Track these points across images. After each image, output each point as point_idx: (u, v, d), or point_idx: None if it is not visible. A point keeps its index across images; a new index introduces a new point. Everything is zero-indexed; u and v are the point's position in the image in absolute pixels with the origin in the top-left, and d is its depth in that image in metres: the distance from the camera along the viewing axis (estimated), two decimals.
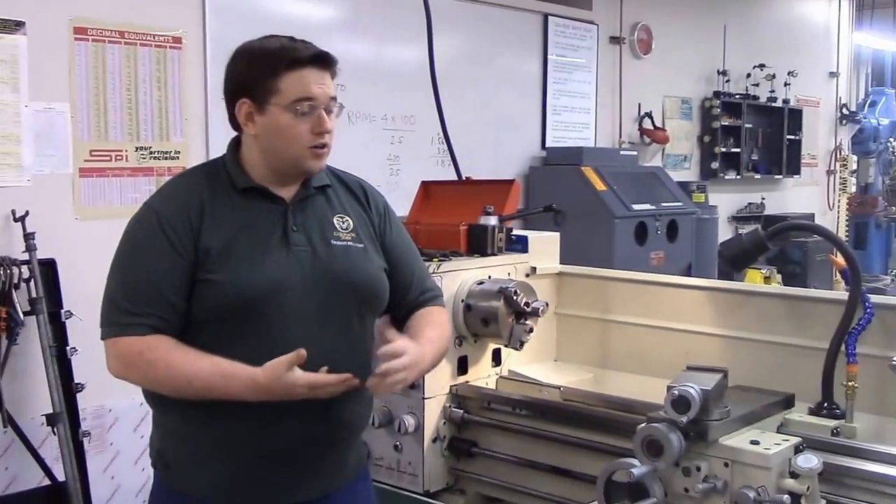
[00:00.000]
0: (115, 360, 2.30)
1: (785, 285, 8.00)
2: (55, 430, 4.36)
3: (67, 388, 4.42)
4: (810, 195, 11.04)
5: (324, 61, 2.38)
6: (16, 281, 4.28)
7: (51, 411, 4.34)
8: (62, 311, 4.46)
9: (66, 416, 4.38)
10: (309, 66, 2.35)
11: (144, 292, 2.29)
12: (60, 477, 4.41)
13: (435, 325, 2.56)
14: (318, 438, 2.36)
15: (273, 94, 2.33)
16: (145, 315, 2.27)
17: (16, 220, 4.35)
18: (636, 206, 6.97)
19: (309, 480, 2.41)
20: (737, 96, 9.47)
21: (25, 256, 4.33)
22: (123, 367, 2.30)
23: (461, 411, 3.25)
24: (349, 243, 2.45)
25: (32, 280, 4.34)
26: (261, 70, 2.35)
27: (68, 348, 4.42)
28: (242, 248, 2.33)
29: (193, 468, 2.38)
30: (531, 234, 3.65)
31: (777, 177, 10.21)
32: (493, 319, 3.20)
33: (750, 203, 10.00)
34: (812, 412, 2.81)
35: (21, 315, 4.27)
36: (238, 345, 2.30)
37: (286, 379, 2.18)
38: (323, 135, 2.36)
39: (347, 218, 2.50)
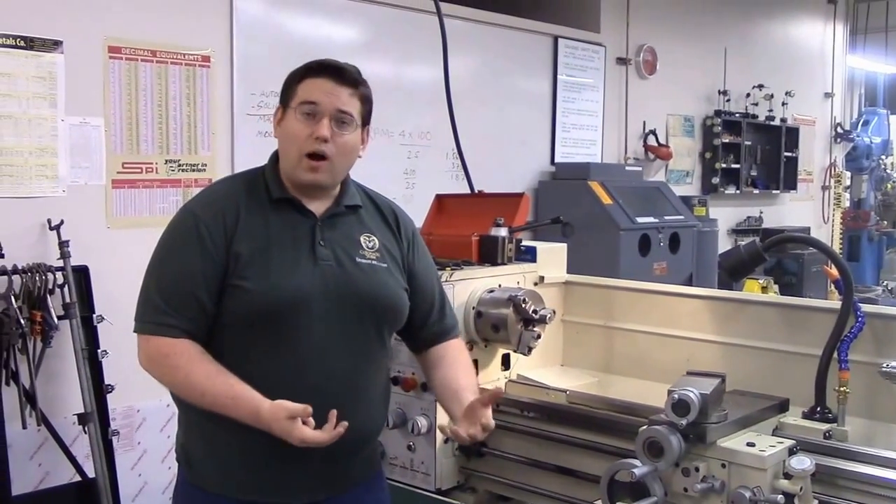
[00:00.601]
0: (144, 356, 2.33)
1: (781, 295, 7.97)
2: (86, 428, 4.38)
3: (98, 389, 4.43)
4: (806, 209, 11.02)
5: (336, 74, 2.38)
6: (50, 286, 4.31)
7: (82, 411, 4.36)
8: (94, 315, 4.47)
9: (97, 415, 4.40)
10: (322, 76, 2.37)
11: (177, 292, 2.30)
12: (90, 474, 4.43)
13: (469, 374, 2.63)
14: (331, 444, 2.33)
15: (291, 99, 2.38)
16: (176, 315, 2.28)
17: (51, 228, 4.37)
18: (640, 219, 6.95)
19: (324, 481, 2.41)
20: (737, 115, 9.45)
21: (60, 263, 4.36)
22: (149, 363, 2.32)
23: None
24: (373, 262, 2.45)
25: (66, 286, 4.36)
26: (290, 79, 2.42)
27: (99, 351, 4.44)
28: (270, 258, 2.33)
29: (213, 465, 2.39)
30: (539, 245, 3.64)
31: (775, 192, 10.18)
32: (502, 326, 3.19)
33: (749, 217, 9.98)
34: (805, 416, 2.80)
35: (55, 319, 4.29)
36: (260, 352, 2.32)
37: (285, 425, 2.18)
38: (318, 141, 2.34)
39: (374, 238, 2.49)
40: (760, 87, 9.65)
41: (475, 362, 3.29)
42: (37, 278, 4.25)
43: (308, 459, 2.32)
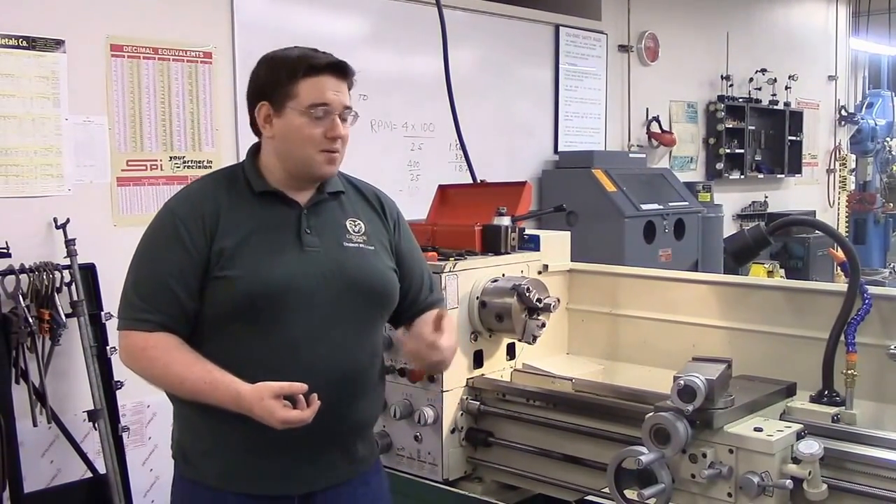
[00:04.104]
0: (124, 352, 2.34)
1: (787, 279, 7.94)
2: (96, 425, 4.38)
3: (107, 385, 4.43)
4: (811, 193, 10.98)
5: (340, 70, 2.37)
6: (58, 285, 4.30)
7: (92, 408, 4.36)
8: (102, 312, 4.47)
9: (107, 412, 4.40)
10: (326, 74, 2.35)
11: (154, 288, 2.30)
12: (102, 470, 4.43)
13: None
14: (326, 433, 2.33)
15: (291, 99, 2.33)
16: (153, 311, 2.28)
17: (57, 227, 4.36)
18: (645, 206, 6.92)
19: (318, 473, 2.40)
20: (740, 100, 9.40)
21: (67, 262, 4.35)
22: (129, 359, 2.33)
23: (478, 403, 3.22)
24: (361, 245, 2.44)
25: (73, 284, 4.35)
26: (281, 75, 2.36)
27: (108, 348, 4.43)
28: (256, 248, 2.32)
29: (207, 458, 2.38)
30: (543, 233, 3.62)
31: (779, 176, 10.15)
32: (506, 315, 3.17)
33: (754, 201, 9.94)
34: (813, 400, 2.77)
35: (63, 317, 4.28)
36: (251, 342, 2.30)
37: (268, 404, 2.14)
38: (335, 140, 2.34)
39: (359, 222, 2.48)
40: (763, 71, 9.60)
41: (479, 352, 3.28)
42: (44, 277, 4.24)
43: (300, 452, 2.32)
